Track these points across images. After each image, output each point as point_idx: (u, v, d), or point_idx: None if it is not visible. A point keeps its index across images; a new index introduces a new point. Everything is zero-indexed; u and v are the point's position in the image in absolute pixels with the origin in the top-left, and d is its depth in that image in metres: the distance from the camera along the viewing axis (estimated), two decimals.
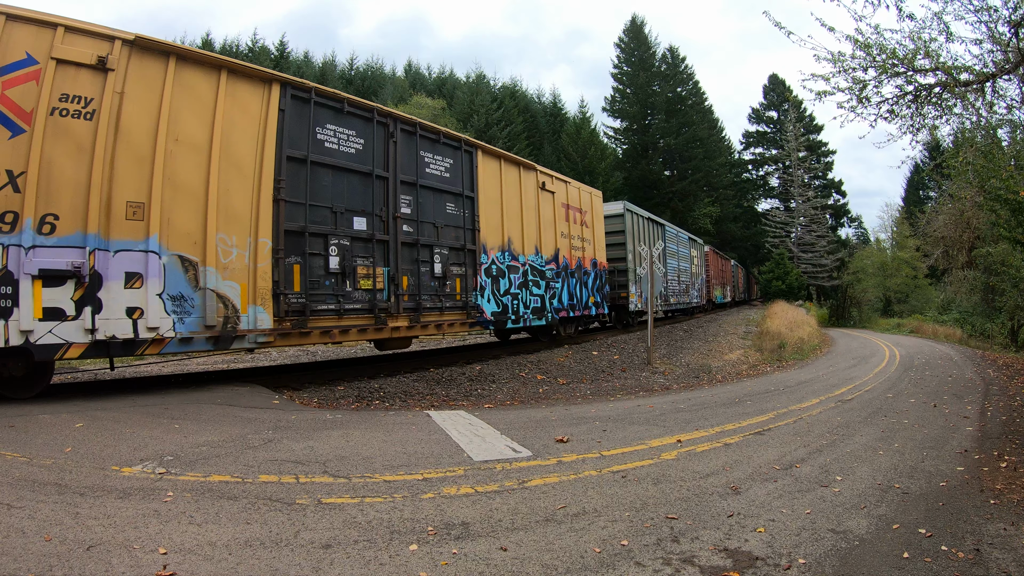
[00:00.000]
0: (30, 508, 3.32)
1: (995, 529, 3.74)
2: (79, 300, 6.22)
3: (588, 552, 3.23)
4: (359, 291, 8.92)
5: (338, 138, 8.87)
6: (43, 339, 6.01)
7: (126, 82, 6.66)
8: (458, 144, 11.05)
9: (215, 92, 7.44)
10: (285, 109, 8.11)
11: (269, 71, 8.25)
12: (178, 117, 7.04)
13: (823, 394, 9.20)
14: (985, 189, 11.13)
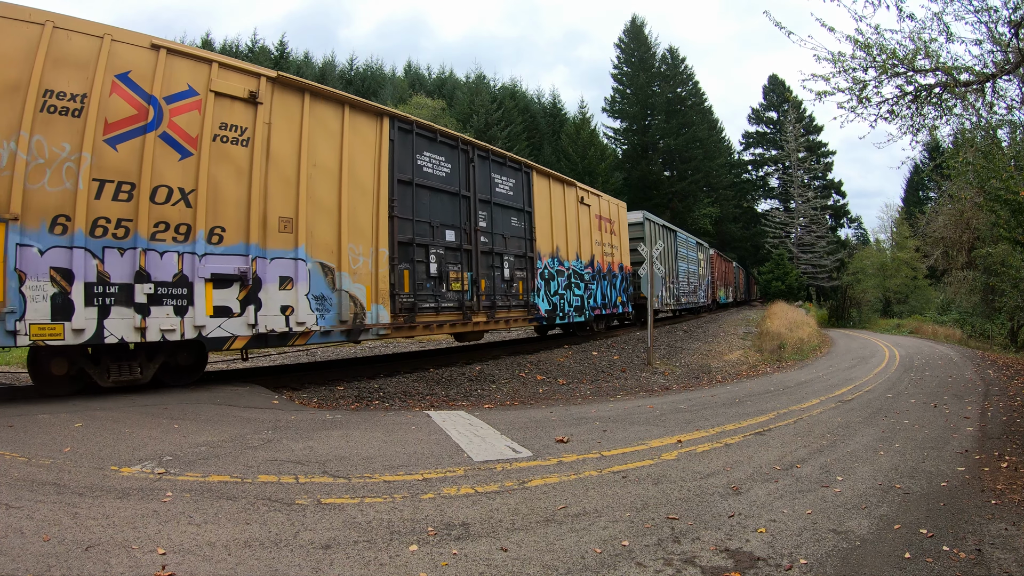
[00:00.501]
0: (28, 508, 3.30)
1: (996, 529, 3.73)
2: (243, 300, 7.36)
3: (589, 552, 3.22)
4: (451, 292, 10.50)
5: (432, 163, 10.37)
6: (213, 333, 7.10)
7: (272, 114, 7.84)
8: (518, 166, 12.85)
9: (340, 124, 8.74)
10: (394, 139, 9.53)
11: (381, 107, 9.67)
12: (314, 145, 8.32)
13: (823, 394, 9.19)
14: (985, 189, 11.12)
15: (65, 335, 6.10)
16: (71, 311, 6.13)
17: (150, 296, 6.60)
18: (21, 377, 10.10)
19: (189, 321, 6.86)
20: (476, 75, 50.26)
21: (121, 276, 6.45)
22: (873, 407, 8.14)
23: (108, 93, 6.49)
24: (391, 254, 9.26)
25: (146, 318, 6.57)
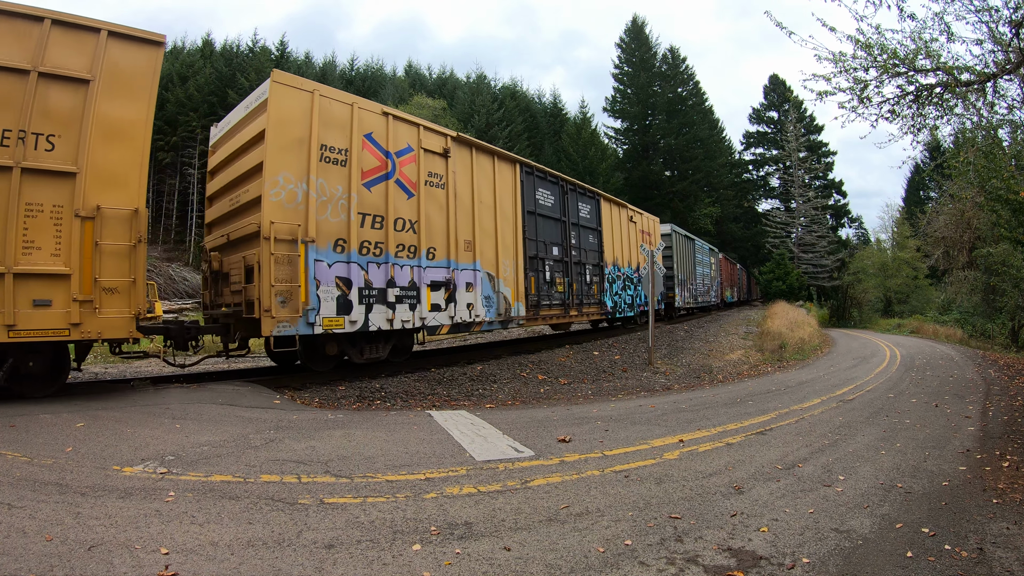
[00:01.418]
0: (31, 508, 3.31)
1: (998, 528, 3.73)
2: (447, 299, 10.13)
3: (592, 552, 3.23)
4: (556, 293, 13.77)
5: (543, 196, 13.53)
6: (430, 322, 9.84)
7: (455, 164, 10.53)
8: (593, 195, 16.35)
9: (492, 170, 11.60)
10: (523, 180, 12.60)
11: (515, 156, 12.74)
12: (479, 186, 11.10)
13: (824, 394, 9.19)
14: (986, 189, 11.14)
15: (345, 325, 8.36)
16: (350, 308, 8.41)
17: (397, 297, 9.13)
18: None
19: (417, 314, 9.51)
20: (477, 75, 50.39)
21: (379, 283, 8.89)
22: (874, 407, 8.14)
23: (361, 148, 8.75)
24: (525, 266, 12.38)
25: (393, 312, 9.06)
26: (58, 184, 6.25)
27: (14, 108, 6.05)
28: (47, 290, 6.13)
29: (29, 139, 6.11)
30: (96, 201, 6.42)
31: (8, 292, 5.85)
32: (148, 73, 6.91)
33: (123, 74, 6.71)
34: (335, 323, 8.21)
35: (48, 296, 6.13)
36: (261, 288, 7.43)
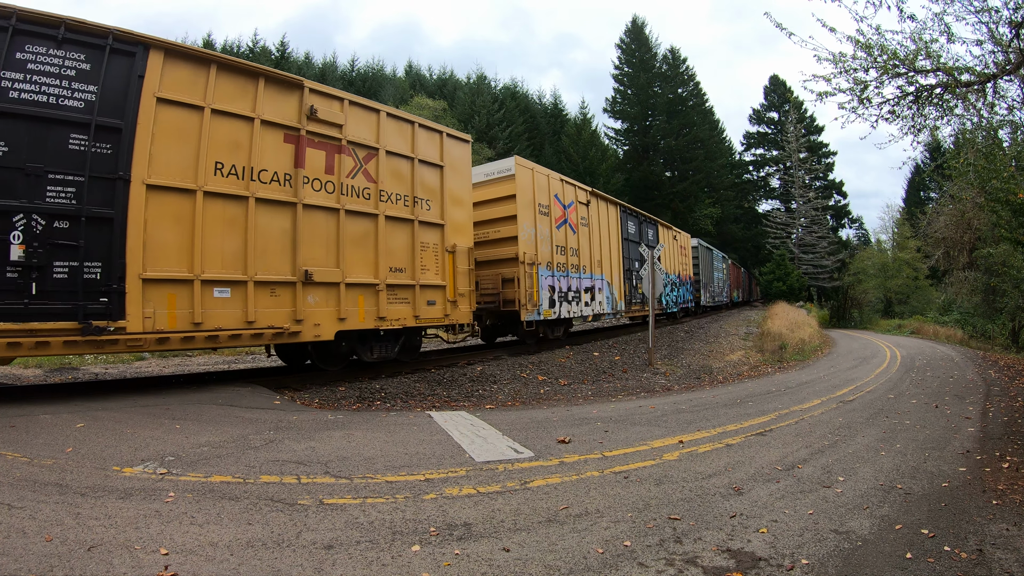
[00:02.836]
0: (31, 508, 3.31)
1: (998, 529, 3.73)
2: (590, 299, 15.23)
3: (591, 553, 3.23)
4: (637, 294, 18.73)
5: (630, 226, 18.77)
6: (584, 313, 14.95)
7: (590, 210, 15.64)
8: (654, 222, 21.96)
9: (607, 211, 16.94)
10: (620, 216, 17.97)
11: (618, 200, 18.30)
12: (601, 223, 16.33)
13: (824, 395, 9.19)
14: (986, 190, 11.13)
15: (551, 315, 13.09)
16: (554, 304, 13.27)
17: (570, 297, 13.98)
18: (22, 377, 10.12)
19: (578, 308, 14.52)
20: (477, 75, 50.25)
21: (562, 288, 13.64)
22: (874, 408, 8.14)
23: (552, 203, 13.58)
24: (623, 276, 17.66)
25: (569, 306, 13.99)
26: (434, 231, 10.06)
27: (407, 182, 9.68)
28: (433, 295, 9.98)
29: (419, 202, 9.82)
30: (453, 241, 10.37)
31: (417, 295, 9.65)
32: (466, 160, 10.97)
33: (455, 161, 10.59)
34: (547, 313, 13.01)
35: (434, 298, 9.99)
36: (519, 292, 12.08)
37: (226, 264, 7.32)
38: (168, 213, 6.88)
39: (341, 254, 8.53)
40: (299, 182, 8.11)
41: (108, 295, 6.41)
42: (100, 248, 6.40)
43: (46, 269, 6.11)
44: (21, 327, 5.91)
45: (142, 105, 6.74)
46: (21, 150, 6.04)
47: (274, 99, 7.99)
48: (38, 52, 6.23)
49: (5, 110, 5.96)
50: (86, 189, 6.30)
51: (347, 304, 8.58)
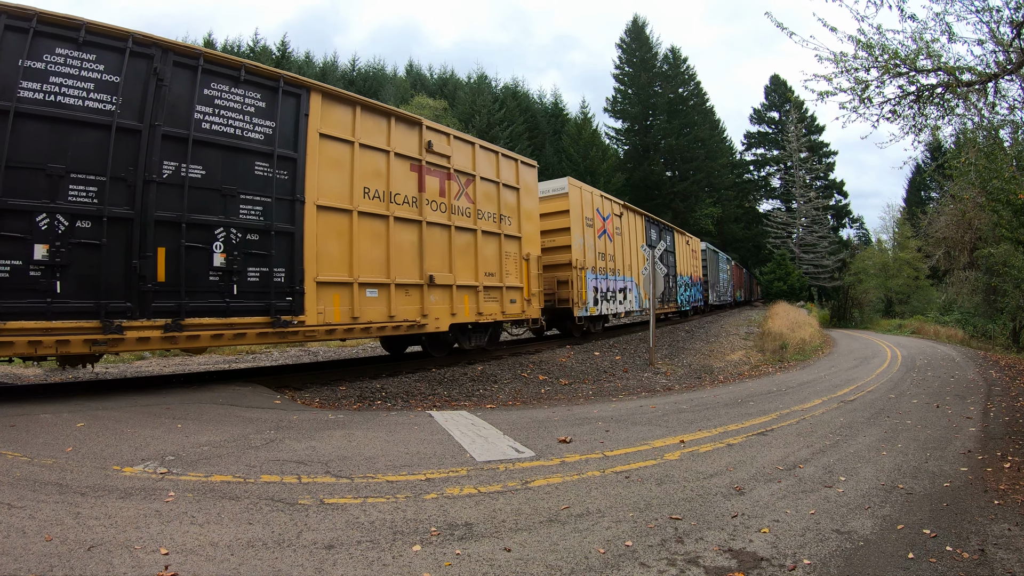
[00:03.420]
0: (31, 508, 3.30)
1: (999, 530, 3.72)
2: (624, 299, 17.66)
3: (592, 553, 3.22)
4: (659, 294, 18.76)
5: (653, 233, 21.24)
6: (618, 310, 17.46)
7: (623, 220, 17.88)
8: (671, 229, 24.11)
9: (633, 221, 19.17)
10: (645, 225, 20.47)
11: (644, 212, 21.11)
12: (630, 232, 18.59)
13: (825, 395, 9.18)
14: (987, 190, 11.12)
15: (595, 311, 15.35)
16: (597, 302, 15.53)
17: (609, 297, 16.24)
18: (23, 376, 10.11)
19: (615, 306, 16.93)
20: (478, 75, 50.24)
21: (603, 289, 15.83)
22: (875, 407, 8.13)
23: (594, 216, 15.63)
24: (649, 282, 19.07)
25: (608, 304, 16.22)
26: (514, 242, 12.14)
27: (495, 202, 11.68)
28: (514, 295, 12.04)
29: (504, 219, 11.89)
30: (527, 250, 12.50)
31: (503, 295, 11.69)
32: (535, 181, 13.19)
33: (527, 183, 12.76)
34: (592, 310, 15.30)
35: (514, 297, 12.06)
36: (572, 292, 14.11)
37: (374, 270, 9.02)
38: (332, 229, 8.43)
39: (452, 262, 10.42)
40: (422, 203, 9.91)
41: (291, 295, 7.89)
42: (284, 256, 7.84)
43: (242, 274, 7.43)
44: (225, 321, 7.25)
45: (309, 139, 8.22)
46: (216, 174, 7.26)
47: (402, 134, 9.68)
48: (222, 90, 7.42)
49: (201, 139, 7.11)
50: (272, 208, 7.72)
51: (457, 302, 10.50)
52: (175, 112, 7.00)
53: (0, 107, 5.92)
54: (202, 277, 7.14)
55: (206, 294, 7.15)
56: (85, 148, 6.40)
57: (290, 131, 8.06)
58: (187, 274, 6.97)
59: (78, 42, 6.39)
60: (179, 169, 6.97)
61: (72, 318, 6.20)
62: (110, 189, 6.47)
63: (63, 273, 6.18)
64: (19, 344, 5.98)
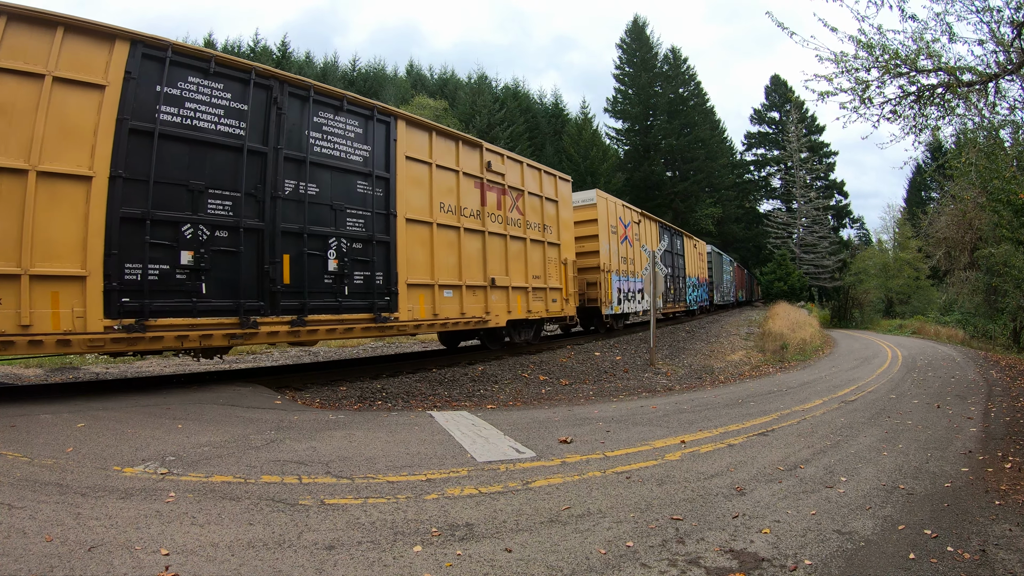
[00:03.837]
0: (31, 508, 3.30)
1: (1000, 530, 3.72)
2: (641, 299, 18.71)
3: (593, 553, 3.22)
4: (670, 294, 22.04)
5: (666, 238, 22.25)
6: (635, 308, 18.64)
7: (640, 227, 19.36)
8: (680, 233, 25.32)
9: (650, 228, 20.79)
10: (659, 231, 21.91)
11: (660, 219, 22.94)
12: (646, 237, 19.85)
13: (826, 395, 9.18)
14: (987, 190, 11.12)
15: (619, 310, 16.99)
16: (620, 301, 16.99)
17: (629, 297, 17.47)
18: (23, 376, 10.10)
19: (634, 305, 18.12)
20: (478, 75, 50.26)
21: (624, 289, 17.04)
22: (876, 408, 8.13)
23: (617, 223, 17.13)
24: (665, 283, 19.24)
25: (629, 304, 17.37)
26: (554, 248, 13.70)
27: (539, 213, 13.21)
28: (555, 295, 13.59)
29: (547, 228, 13.46)
30: (565, 256, 14.06)
31: (547, 295, 13.28)
32: (569, 194, 14.71)
33: (564, 196, 14.35)
34: (616, 308, 16.72)
35: (555, 297, 13.60)
36: (601, 292, 15.55)
37: (449, 274, 10.40)
38: (417, 238, 9.77)
39: (507, 266, 11.90)
40: (484, 216, 11.39)
41: (388, 295, 9.17)
42: (381, 262, 9.10)
43: (350, 277, 8.64)
44: (337, 318, 8.43)
45: (397, 161, 9.50)
46: (327, 191, 8.44)
47: (467, 155, 11.13)
48: (327, 117, 8.60)
49: (314, 161, 8.28)
50: (372, 221, 8.99)
51: (511, 301, 12.00)
52: (291, 137, 8.11)
53: (144, 128, 6.68)
54: (319, 280, 8.30)
55: (322, 294, 8.33)
56: (220, 167, 7.35)
57: (382, 154, 9.33)
58: (308, 277, 8.10)
59: (208, 72, 7.30)
60: (298, 187, 8.10)
61: (214, 315, 7.14)
62: (244, 203, 7.47)
63: (207, 276, 7.11)
64: (168, 339, 6.83)
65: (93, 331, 6.28)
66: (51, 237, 6.14)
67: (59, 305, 6.14)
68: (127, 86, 6.61)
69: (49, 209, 6.14)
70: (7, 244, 5.92)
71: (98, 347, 6.44)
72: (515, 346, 13.07)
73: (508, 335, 12.66)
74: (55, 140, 6.20)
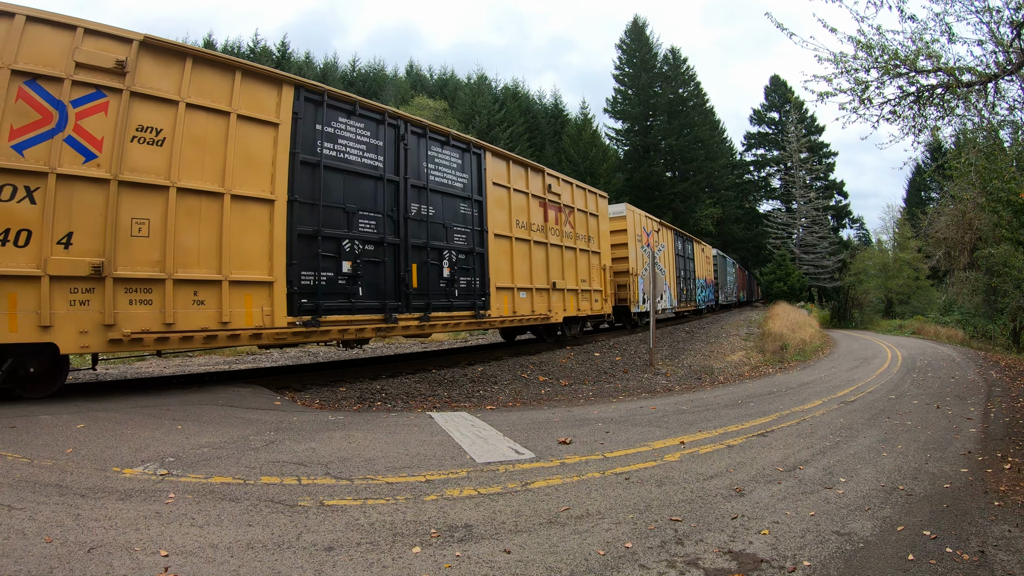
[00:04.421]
0: (31, 509, 3.30)
1: (1000, 531, 3.72)
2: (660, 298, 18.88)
3: (592, 554, 3.22)
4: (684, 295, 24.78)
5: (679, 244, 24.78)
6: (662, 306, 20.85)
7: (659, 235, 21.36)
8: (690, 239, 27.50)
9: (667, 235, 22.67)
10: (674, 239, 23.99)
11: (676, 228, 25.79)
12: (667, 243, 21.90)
13: (826, 395, 9.18)
14: (987, 190, 11.10)
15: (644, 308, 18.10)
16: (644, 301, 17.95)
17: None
18: None
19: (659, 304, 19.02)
20: (478, 76, 50.25)
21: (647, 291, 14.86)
22: (876, 408, 8.13)
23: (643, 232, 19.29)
24: (676, 282, 22.83)
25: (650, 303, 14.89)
26: (596, 256, 15.80)
27: (584, 226, 15.32)
28: (596, 296, 15.70)
29: (590, 239, 15.55)
30: (604, 262, 16.26)
31: (591, 296, 15.32)
32: (606, 208, 16.87)
33: (601, 210, 16.46)
34: (642, 307, 18.29)
35: (597, 298, 15.69)
36: (630, 294, 17.25)
37: (523, 278, 12.52)
38: (500, 250, 11.88)
39: (563, 272, 14.10)
40: (547, 230, 13.59)
41: (483, 296, 11.23)
42: (478, 270, 11.17)
43: (457, 282, 10.65)
44: (449, 315, 10.41)
45: (486, 186, 11.59)
46: (440, 213, 10.40)
47: (533, 179, 13.33)
48: (437, 151, 10.54)
49: (431, 187, 10.20)
50: (471, 236, 11.07)
51: (567, 301, 14.18)
52: (413, 167, 9.92)
53: (311, 160, 8.28)
54: (436, 284, 10.21)
55: (439, 296, 10.26)
56: (365, 193, 9.06)
57: (476, 180, 11.36)
58: (429, 282, 10.01)
59: (352, 113, 8.97)
60: (420, 209, 9.97)
61: (366, 313, 8.90)
62: (384, 223, 9.27)
63: (361, 282, 8.81)
64: (333, 332, 8.48)
65: (279, 326, 7.72)
66: (244, 250, 7.44)
67: (251, 305, 7.51)
68: (295, 124, 8.11)
69: (241, 226, 7.43)
70: (209, 255, 7.16)
71: (281, 340, 7.94)
72: (566, 339, 15.12)
73: (561, 330, 14.87)
74: (241, 168, 7.48)
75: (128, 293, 6.59)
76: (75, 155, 6.32)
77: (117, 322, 6.45)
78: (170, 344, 6.99)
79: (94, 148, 6.43)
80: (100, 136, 6.47)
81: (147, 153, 6.79)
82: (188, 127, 7.07)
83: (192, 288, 7.02)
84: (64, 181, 6.21)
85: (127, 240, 6.58)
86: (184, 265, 6.97)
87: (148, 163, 6.77)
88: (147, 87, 6.80)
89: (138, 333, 6.58)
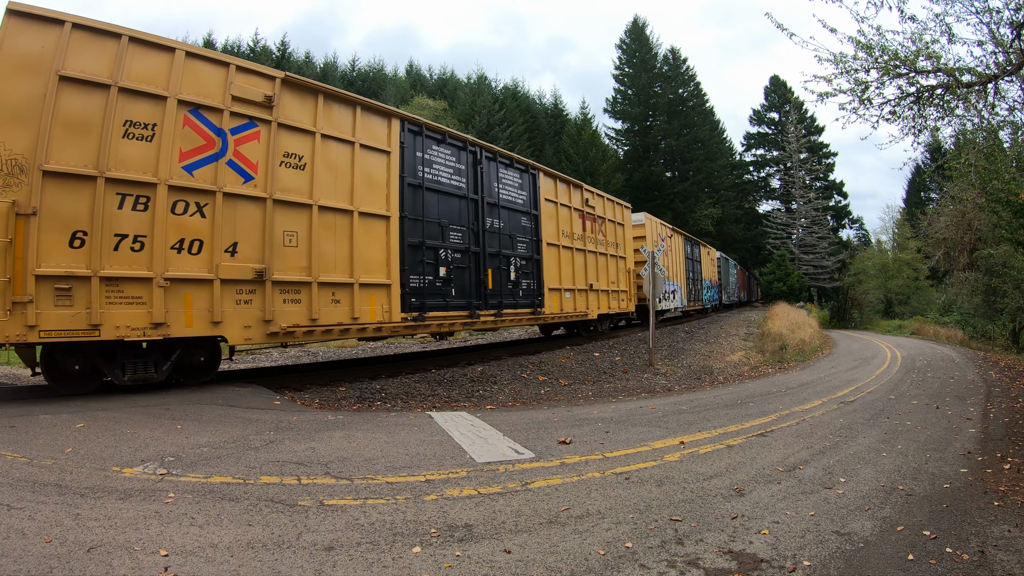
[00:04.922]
0: (30, 509, 3.30)
1: (999, 531, 3.72)
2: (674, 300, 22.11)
3: (592, 554, 3.22)
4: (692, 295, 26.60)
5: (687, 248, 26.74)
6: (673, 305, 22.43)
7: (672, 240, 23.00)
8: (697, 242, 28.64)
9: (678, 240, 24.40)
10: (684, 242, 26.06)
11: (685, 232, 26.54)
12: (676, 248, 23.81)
13: (825, 396, 9.18)
14: (987, 191, 11.10)
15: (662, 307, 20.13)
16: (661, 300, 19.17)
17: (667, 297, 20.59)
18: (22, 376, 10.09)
19: (668, 304, 21.19)
20: (478, 76, 50.18)
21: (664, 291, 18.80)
22: (875, 408, 8.13)
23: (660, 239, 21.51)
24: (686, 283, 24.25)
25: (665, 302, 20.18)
26: (622, 261, 17.90)
27: (612, 234, 17.24)
28: (622, 296, 17.86)
29: (618, 245, 17.63)
30: (628, 266, 18.26)
31: (618, 296, 17.57)
32: (630, 217, 18.94)
33: (626, 218, 18.47)
34: (658, 306, 17.91)
35: (623, 298, 17.85)
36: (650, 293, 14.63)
37: (567, 281, 14.42)
38: (551, 256, 13.74)
39: (597, 274, 15.97)
40: (584, 238, 15.46)
41: (540, 296, 13.07)
42: (535, 274, 13.04)
43: (520, 284, 12.46)
44: (515, 312, 12.22)
45: (541, 202, 13.50)
46: (506, 225, 12.18)
47: (573, 194, 15.17)
48: (505, 173, 12.44)
49: (501, 204, 12.06)
50: (530, 245, 12.99)
51: (600, 301, 16.19)
52: (487, 187, 11.70)
53: (414, 183, 9.84)
54: (505, 286, 11.94)
55: (508, 296, 11.99)
56: (453, 210, 10.74)
57: (531, 197, 13.22)
58: (500, 284, 11.75)
59: (442, 141, 10.63)
60: (493, 222, 11.75)
61: (456, 310, 10.62)
62: (468, 235, 11.00)
63: (452, 284, 10.48)
64: (432, 326, 10.22)
65: (395, 321, 9.30)
66: (368, 257, 8.90)
67: (375, 303, 9.00)
68: (403, 152, 9.65)
69: (366, 238, 8.87)
70: (343, 262, 8.56)
71: (396, 332, 9.61)
72: (599, 334, 17.04)
73: (594, 325, 16.76)
74: (364, 190, 8.89)
75: (282, 294, 7.80)
76: (236, 176, 7.37)
77: (274, 318, 7.66)
78: (314, 336, 8.25)
79: (251, 171, 7.53)
80: (255, 160, 7.58)
81: (292, 176, 8.00)
82: (323, 154, 8.36)
83: (331, 290, 8.39)
84: (228, 199, 7.24)
85: (280, 249, 7.78)
86: (324, 270, 8.28)
87: (294, 184, 7.99)
88: (290, 119, 7.98)
89: (290, 327, 7.81)
